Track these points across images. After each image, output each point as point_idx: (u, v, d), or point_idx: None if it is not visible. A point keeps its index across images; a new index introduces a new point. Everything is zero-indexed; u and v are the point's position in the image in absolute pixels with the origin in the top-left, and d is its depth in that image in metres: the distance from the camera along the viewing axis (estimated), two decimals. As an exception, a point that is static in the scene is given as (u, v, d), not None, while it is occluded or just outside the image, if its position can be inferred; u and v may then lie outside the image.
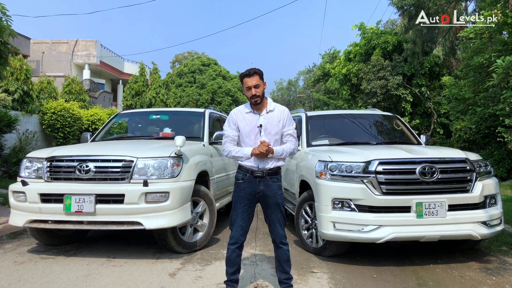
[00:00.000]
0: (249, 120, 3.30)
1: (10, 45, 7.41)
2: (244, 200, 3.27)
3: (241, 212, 3.28)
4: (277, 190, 3.29)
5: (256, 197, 3.28)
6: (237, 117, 3.34)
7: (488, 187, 4.24)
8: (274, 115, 3.30)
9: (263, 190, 3.24)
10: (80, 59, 28.39)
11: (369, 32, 20.17)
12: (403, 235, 3.99)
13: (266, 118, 3.28)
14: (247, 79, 3.22)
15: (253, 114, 3.31)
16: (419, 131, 17.84)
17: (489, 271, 4.04)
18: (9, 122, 10.81)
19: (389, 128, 6.29)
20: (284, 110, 3.37)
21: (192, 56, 50.66)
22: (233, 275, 3.33)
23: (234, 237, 3.29)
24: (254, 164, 3.23)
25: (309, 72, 46.65)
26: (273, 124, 3.28)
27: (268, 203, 3.28)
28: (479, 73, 11.80)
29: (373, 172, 4.05)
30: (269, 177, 3.26)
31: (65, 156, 4.47)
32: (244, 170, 3.29)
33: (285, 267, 3.30)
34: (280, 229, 3.30)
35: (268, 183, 3.25)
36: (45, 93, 15.55)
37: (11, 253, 4.59)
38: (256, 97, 3.22)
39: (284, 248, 3.30)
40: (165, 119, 6.60)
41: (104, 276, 3.83)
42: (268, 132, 3.26)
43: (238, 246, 3.30)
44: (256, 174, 3.23)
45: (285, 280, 3.30)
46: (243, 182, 3.28)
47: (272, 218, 3.30)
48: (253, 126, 3.28)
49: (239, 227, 3.28)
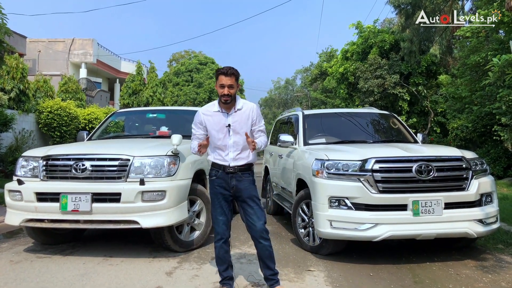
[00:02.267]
0: (217, 120, 3.30)
1: (6, 44, 7.40)
2: (219, 195, 3.31)
3: (219, 207, 3.31)
4: (249, 184, 3.31)
5: (231, 193, 3.30)
6: (205, 117, 3.34)
7: (484, 185, 4.25)
8: (243, 113, 3.30)
9: (236, 184, 3.27)
10: (77, 57, 28.28)
11: (366, 31, 20.21)
12: (400, 233, 4.00)
13: (235, 117, 3.29)
14: (223, 77, 3.18)
15: (221, 114, 3.30)
16: (416, 129, 17.89)
17: (485, 269, 4.05)
18: (5, 121, 10.78)
19: (386, 127, 6.30)
20: (253, 108, 3.36)
21: (189, 55, 50.56)
22: (225, 272, 3.34)
23: (218, 233, 3.31)
24: (226, 163, 3.28)
25: (306, 71, 46.68)
26: (242, 123, 3.29)
27: (242, 196, 3.29)
28: (475, 71, 11.84)
29: (369, 171, 4.06)
30: (241, 172, 3.30)
31: (61, 155, 4.46)
32: (217, 166, 3.33)
33: (269, 264, 3.27)
34: (258, 222, 3.23)
35: (239, 178, 3.28)
36: (41, 92, 15.50)
37: (7, 253, 4.57)
38: (228, 97, 3.20)
39: (265, 244, 3.25)
40: (162, 117, 6.59)
41: (101, 275, 3.82)
42: (237, 131, 3.27)
43: (224, 241, 3.30)
44: (228, 170, 3.27)
45: (271, 276, 3.28)
46: (216, 178, 3.32)
47: (248, 212, 3.28)
48: (221, 126, 3.28)
49: (220, 222, 3.30)
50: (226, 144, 3.27)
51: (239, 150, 3.29)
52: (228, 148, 3.28)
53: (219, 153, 3.32)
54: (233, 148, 3.28)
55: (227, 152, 3.29)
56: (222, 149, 3.30)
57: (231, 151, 3.28)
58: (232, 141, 3.27)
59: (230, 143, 3.27)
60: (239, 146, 3.28)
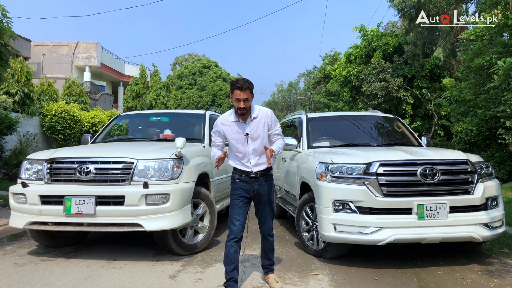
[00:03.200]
0: (235, 129, 3.51)
1: (10, 47, 7.43)
2: (240, 197, 3.53)
3: (238, 208, 3.51)
4: (269, 188, 3.63)
5: (251, 195, 3.55)
6: (223, 127, 3.55)
7: (489, 189, 4.22)
8: (259, 121, 3.50)
9: (257, 189, 3.54)
10: (81, 61, 28.40)
11: (369, 34, 20.19)
12: (404, 237, 3.97)
13: (251, 126, 3.49)
14: (238, 92, 3.34)
15: (238, 123, 3.51)
16: (420, 133, 17.82)
17: (491, 274, 4.02)
18: (9, 124, 10.81)
19: (390, 130, 6.28)
20: (267, 114, 3.55)
21: (192, 58, 50.74)
22: (231, 272, 3.42)
23: (233, 232, 3.46)
24: (249, 169, 3.51)
25: (309, 74, 46.69)
26: (259, 130, 3.50)
27: (261, 200, 3.59)
28: (479, 75, 11.78)
29: (374, 174, 4.04)
30: (262, 177, 3.55)
31: (65, 158, 4.46)
32: (240, 171, 3.57)
33: (270, 255, 3.73)
34: (270, 222, 3.68)
35: (261, 182, 3.55)
36: (45, 95, 15.57)
37: (11, 255, 4.58)
38: (243, 109, 3.39)
39: (270, 240, 3.70)
40: (166, 121, 6.59)
41: (104, 278, 3.81)
42: (255, 138, 3.49)
43: (236, 241, 3.45)
44: (251, 175, 3.51)
45: (268, 265, 3.72)
46: (239, 181, 3.56)
47: (264, 213, 3.64)
48: (239, 135, 3.50)
49: (237, 222, 3.47)
50: (246, 152, 3.50)
51: (259, 156, 3.52)
52: (248, 156, 3.51)
53: (240, 160, 3.55)
54: (252, 155, 3.51)
55: (247, 159, 3.52)
56: (242, 156, 3.52)
57: (251, 158, 3.51)
58: (251, 149, 3.49)
59: (249, 151, 3.49)
60: (258, 152, 3.51)
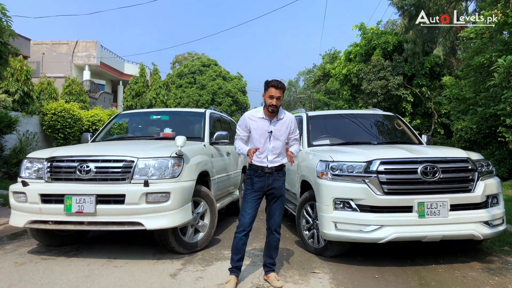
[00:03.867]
0: (261, 125, 3.71)
1: (10, 46, 7.40)
2: (254, 192, 3.70)
3: (250, 202, 3.68)
4: (282, 183, 3.78)
5: (265, 190, 3.71)
6: (250, 121, 3.75)
7: (490, 187, 4.22)
8: (283, 123, 3.74)
9: (272, 183, 3.70)
10: (80, 60, 28.37)
11: (369, 32, 20.17)
12: (405, 235, 3.97)
13: (276, 125, 3.71)
14: (273, 89, 3.59)
15: (264, 120, 3.71)
16: (420, 131, 17.83)
17: (492, 271, 4.02)
18: (9, 123, 10.80)
19: (390, 128, 6.27)
20: (292, 119, 3.81)
21: (192, 57, 50.66)
22: (238, 262, 3.67)
23: (243, 224, 3.65)
24: (264, 164, 3.68)
25: (309, 72, 46.68)
26: (282, 131, 3.72)
27: (275, 194, 3.74)
28: (479, 73, 11.79)
29: (374, 172, 4.04)
30: (277, 172, 3.72)
31: (65, 157, 4.46)
32: (255, 167, 3.72)
33: (273, 253, 3.78)
34: (278, 218, 3.77)
35: (276, 177, 3.72)
36: (45, 94, 15.54)
37: (12, 254, 4.57)
38: (275, 107, 3.62)
39: (276, 236, 3.76)
40: (166, 119, 6.59)
41: (105, 277, 3.81)
42: (277, 137, 3.70)
43: (245, 234, 3.66)
44: (266, 170, 3.67)
45: (270, 264, 3.75)
46: (255, 177, 3.71)
47: (274, 207, 3.77)
48: (264, 131, 3.69)
49: (248, 215, 3.66)
50: (266, 149, 3.69)
51: (276, 154, 3.71)
52: (267, 152, 3.69)
53: (258, 155, 3.69)
54: (271, 152, 3.69)
55: (265, 155, 3.69)
56: (262, 151, 3.69)
57: (269, 154, 3.69)
58: (271, 146, 3.69)
59: (269, 147, 3.69)
60: (277, 150, 3.70)
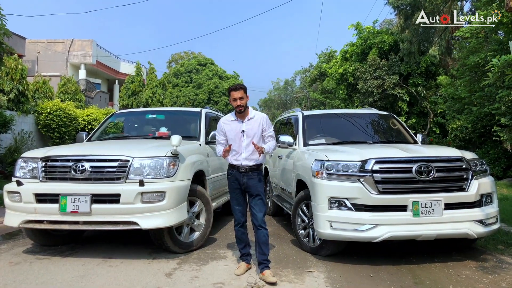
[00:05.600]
0: (234, 127, 4.01)
1: (5, 45, 7.38)
2: (235, 190, 4.04)
3: (235, 199, 4.06)
4: (257, 182, 3.97)
5: (242, 188, 3.98)
6: (224, 125, 4.07)
7: (484, 186, 4.25)
8: (254, 122, 3.99)
9: (246, 181, 3.94)
10: (76, 58, 28.23)
11: (365, 31, 20.20)
12: (400, 234, 3.99)
13: (248, 125, 3.98)
14: (233, 92, 3.92)
15: (237, 122, 4.02)
16: (416, 130, 17.88)
17: (486, 270, 4.05)
18: (4, 122, 10.75)
19: (385, 127, 6.29)
20: (263, 117, 4.07)
21: (188, 56, 50.56)
22: (243, 249, 4.06)
23: (236, 219, 4.04)
24: (239, 163, 3.95)
25: (305, 72, 46.67)
26: (254, 129, 3.96)
27: (250, 192, 3.96)
28: (475, 72, 11.83)
29: (369, 171, 4.05)
30: (251, 172, 3.94)
31: (60, 156, 4.44)
32: (232, 166, 4.02)
33: (264, 249, 3.88)
34: (259, 213, 3.92)
35: (250, 176, 3.94)
36: (40, 93, 15.46)
37: (6, 254, 4.55)
38: (240, 106, 3.91)
39: (262, 231, 3.90)
40: (161, 118, 6.58)
41: (100, 276, 3.81)
42: (249, 135, 3.95)
43: (241, 226, 4.03)
44: (241, 170, 3.94)
45: (263, 261, 3.86)
46: (231, 176, 4.04)
47: (254, 204, 3.95)
48: (237, 132, 3.97)
49: (237, 210, 4.04)
50: (241, 147, 3.94)
51: (250, 152, 3.92)
52: (242, 150, 3.94)
53: (235, 155, 3.97)
54: (245, 150, 3.93)
55: (240, 153, 3.94)
56: (237, 151, 3.96)
57: (243, 152, 3.94)
58: (245, 144, 3.94)
59: (243, 146, 3.94)
60: (251, 148, 3.90)
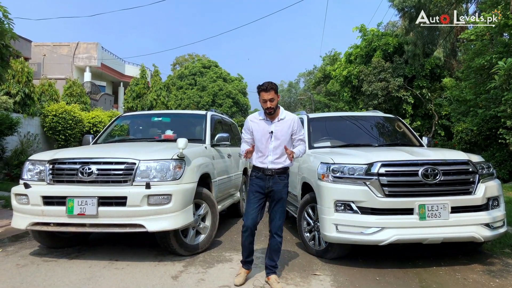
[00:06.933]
0: (262, 127, 3.76)
1: (11, 48, 7.43)
2: (256, 193, 3.74)
3: (252, 203, 3.73)
4: (283, 187, 3.76)
5: (266, 192, 3.73)
6: (252, 124, 3.83)
7: (490, 189, 4.23)
8: (285, 123, 3.75)
9: (272, 186, 3.71)
10: (81, 61, 28.41)
11: (369, 34, 20.21)
12: (406, 237, 3.98)
13: (277, 126, 3.73)
14: (263, 93, 3.63)
15: (265, 122, 3.77)
16: (420, 132, 17.83)
17: (492, 274, 4.03)
18: (10, 125, 10.82)
19: (390, 130, 6.28)
20: (294, 119, 3.79)
21: (192, 58, 50.73)
22: (247, 257, 3.84)
23: (245, 225, 3.72)
24: (265, 166, 3.72)
25: (309, 74, 46.69)
26: (283, 131, 3.72)
27: (274, 197, 3.75)
28: (480, 74, 11.78)
29: (375, 174, 4.05)
30: (278, 175, 3.72)
31: (67, 159, 4.47)
32: (257, 169, 3.78)
33: (274, 256, 3.77)
34: (278, 221, 3.76)
35: (276, 180, 3.72)
36: (46, 95, 15.57)
37: (14, 256, 4.58)
38: (271, 109, 3.66)
39: (277, 239, 3.75)
40: (167, 121, 6.59)
41: (107, 278, 3.82)
42: (278, 138, 3.71)
43: (249, 234, 3.73)
44: (267, 173, 3.71)
45: (271, 267, 3.76)
46: (255, 178, 3.78)
47: (274, 210, 3.78)
48: (265, 132, 3.73)
49: (250, 216, 3.71)
50: (267, 149, 3.71)
51: (278, 155, 3.71)
52: (269, 152, 3.72)
53: (260, 157, 3.76)
54: (272, 152, 3.71)
55: (267, 155, 3.72)
56: (263, 152, 3.74)
57: (270, 154, 3.72)
58: (272, 146, 3.71)
59: (270, 148, 3.72)
60: (278, 151, 3.71)
